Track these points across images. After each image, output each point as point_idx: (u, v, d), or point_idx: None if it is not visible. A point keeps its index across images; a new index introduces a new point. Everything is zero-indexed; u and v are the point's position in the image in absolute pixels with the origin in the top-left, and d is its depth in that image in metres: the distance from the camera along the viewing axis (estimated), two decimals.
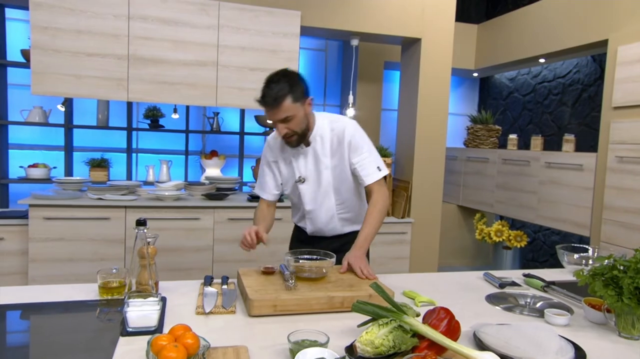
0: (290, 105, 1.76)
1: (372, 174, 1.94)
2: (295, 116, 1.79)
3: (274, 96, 1.73)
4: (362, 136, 1.97)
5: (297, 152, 1.95)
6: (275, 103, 1.74)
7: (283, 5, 3.55)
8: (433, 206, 4.00)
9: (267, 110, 1.78)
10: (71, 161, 4.16)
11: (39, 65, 3.12)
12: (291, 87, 1.76)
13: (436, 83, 3.92)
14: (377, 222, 1.92)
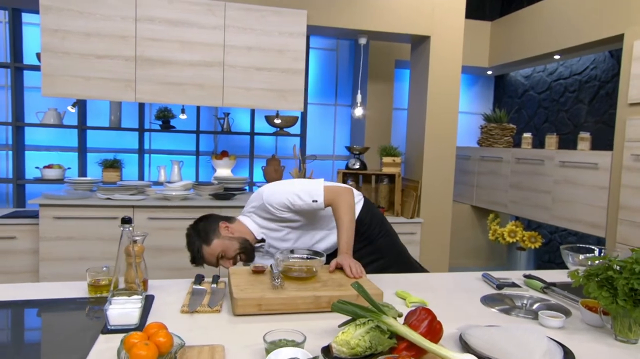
0: (211, 248, 1.85)
1: (314, 207, 1.93)
2: (224, 247, 1.87)
3: (195, 253, 1.86)
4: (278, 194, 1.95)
5: (265, 252, 2.02)
6: (199, 258, 1.86)
7: (289, 4, 3.54)
8: (443, 205, 3.94)
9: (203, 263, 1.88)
10: (85, 162, 4.24)
11: (49, 68, 3.19)
12: (201, 238, 1.87)
13: (446, 81, 3.86)
14: (349, 225, 1.90)
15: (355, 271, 1.68)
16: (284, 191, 1.94)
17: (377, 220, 2.20)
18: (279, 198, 1.93)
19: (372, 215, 2.18)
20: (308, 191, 1.92)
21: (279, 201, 1.92)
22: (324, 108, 4.99)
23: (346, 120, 5.05)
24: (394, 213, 3.93)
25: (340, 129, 5.07)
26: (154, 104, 4.29)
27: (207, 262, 1.88)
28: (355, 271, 1.68)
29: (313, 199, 1.91)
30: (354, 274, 1.67)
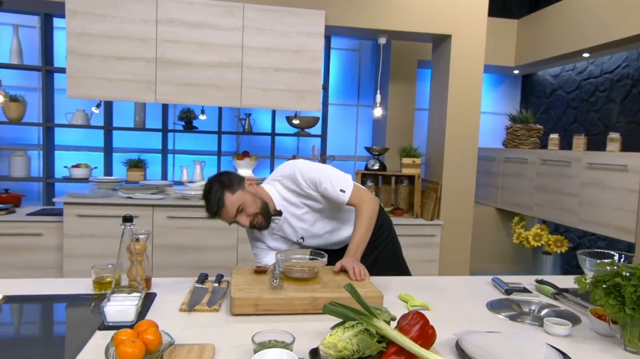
0: (233, 198, 1.78)
1: (339, 198, 1.90)
2: (244, 203, 1.80)
3: (215, 201, 1.78)
4: (310, 170, 1.92)
5: (278, 227, 1.97)
6: (219, 206, 1.77)
7: (307, 5, 3.55)
8: (464, 208, 3.87)
9: (221, 216, 1.82)
10: (110, 161, 4.35)
11: (74, 70, 3.29)
12: (223, 186, 1.80)
13: (467, 81, 3.79)
14: (365, 229, 1.88)
15: (359, 274, 1.66)
16: (317, 169, 1.92)
17: (387, 225, 2.19)
18: (311, 173, 1.90)
19: (383, 221, 2.16)
20: (339, 180, 1.91)
21: (310, 175, 1.89)
22: (347, 109, 4.97)
23: (368, 121, 5.01)
24: (414, 215, 3.88)
25: (362, 129, 5.04)
26: (177, 105, 4.37)
27: (226, 213, 1.80)
28: (359, 273, 1.66)
29: (341, 189, 1.90)
30: (356, 277, 1.65)
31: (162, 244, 3.38)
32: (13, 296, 1.52)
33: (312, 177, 1.89)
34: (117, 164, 4.42)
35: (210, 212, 1.81)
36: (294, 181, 1.90)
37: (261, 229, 1.89)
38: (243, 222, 1.81)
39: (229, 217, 1.81)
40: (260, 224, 1.85)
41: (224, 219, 1.84)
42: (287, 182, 1.93)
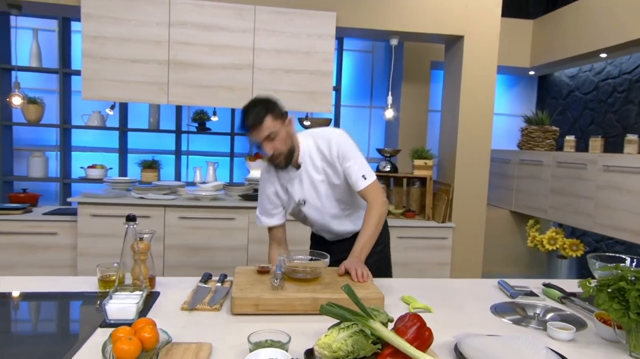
0: (271, 122, 1.78)
1: (357, 182, 1.90)
2: (278, 134, 1.80)
3: (254, 115, 1.76)
4: (347, 143, 1.93)
5: (290, 178, 1.95)
6: (256, 122, 1.76)
7: (318, 6, 3.55)
8: (476, 210, 3.82)
9: (251, 132, 1.79)
10: (125, 162, 4.42)
11: (89, 72, 3.35)
12: (268, 107, 1.79)
13: (480, 82, 3.75)
14: (373, 232, 1.87)
15: (361, 276, 1.66)
16: (352, 146, 1.93)
17: (384, 231, 2.20)
18: (346, 146, 1.91)
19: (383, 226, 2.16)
20: (366, 166, 1.93)
21: (344, 147, 1.90)
22: (360, 110, 4.96)
23: (381, 122, 5.00)
24: (425, 217, 3.85)
25: (375, 131, 5.02)
26: (191, 107, 4.42)
27: (258, 133, 1.77)
28: (361, 275, 1.66)
29: (363, 175, 1.90)
30: (358, 278, 1.65)
31: (173, 244, 3.41)
32: (19, 293, 1.55)
33: (345, 150, 1.90)
34: (132, 165, 4.48)
35: (244, 125, 1.80)
36: (328, 144, 1.91)
37: (277, 167, 1.89)
38: (267, 149, 1.80)
39: (257, 138, 1.79)
40: (279, 161, 1.85)
41: (251, 138, 1.81)
42: (321, 142, 1.92)
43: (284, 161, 1.85)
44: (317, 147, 1.93)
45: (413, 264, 3.72)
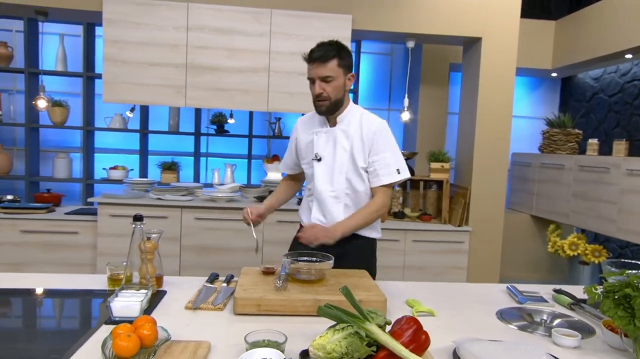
0: (335, 66, 1.82)
1: (389, 175, 1.91)
2: (335, 80, 1.83)
3: (324, 51, 1.80)
4: (388, 136, 1.96)
5: (320, 130, 1.96)
6: (322, 58, 1.80)
7: (334, 9, 3.56)
8: (494, 214, 3.77)
9: (313, 66, 1.82)
10: (146, 164, 4.51)
11: (110, 76, 3.43)
12: (339, 51, 1.82)
13: (498, 85, 3.70)
14: (363, 219, 1.88)
15: (307, 237, 1.69)
16: (392, 140, 1.96)
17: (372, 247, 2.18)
18: (390, 138, 1.94)
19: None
20: (403, 164, 1.96)
21: (387, 136, 1.92)
22: (378, 113, 4.93)
23: (400, 125, 4.97)
24: (442, 220, 3.81)
25: (394, 134, 4.99)
26: (211, 110, 4.48)
27: (321, 68, 1.79)
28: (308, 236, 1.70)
29: (398, 169, 1.92)
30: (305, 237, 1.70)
31: (189, 244, 3.47)
32: (29, 289, 1.60)
33: (387, 139, 1.92)
34: (152, 167, 4.57)
35: (314, 53, 1.81)
36: (371, 123, 1.92)
37: (319, 108, 1.88)
38: (317, 87, 1.82)
39: (317, 73, 1.81)
40: (321, 104, 1.86)
41: (311, 70, 1.83)
42: (366, 117, 1.94)
43: (326, 108, 1.87)
44: (360, 119, 1.94)
45: (428, 268, 3.68)
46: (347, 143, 1.92)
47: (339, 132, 1.94)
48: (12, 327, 1.35)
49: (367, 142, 1.91)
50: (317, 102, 1.87)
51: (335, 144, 1.93)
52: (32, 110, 4.06)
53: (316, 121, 2.00)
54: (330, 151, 1.94)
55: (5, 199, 3.75)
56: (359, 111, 1.98)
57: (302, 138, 2.03)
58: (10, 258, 3.45)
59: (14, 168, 4.42)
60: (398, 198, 3.96)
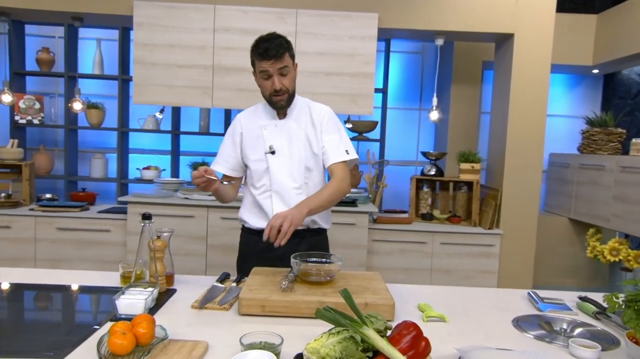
0: (289, 59, 1.85)
1: (338, 155, 1.92)
2: (290, 72, 1.87)
3: (276, 45, 1.80)
4: (336, 120, 2.01)
5: (268, 124, 1.95)
6: (279, 52, 1.79)
7: (360, 8, 3.52)
8: (527, 217, 3.62)
9: (269, 61, 1.80)
10: (177, 164, 4.60)
11: (140, 78, 3.52)
12: (288, 43, 1.86)
13: (532, 83, 3.56)
14: (327, 197, 1.81)
15: (274, 234, 1.58)
16: (340, 124, 2.00)
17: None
18: (336, 120, 1.98)
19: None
20: (350, 144, 1.98)
21: (334, 120, 1.97)
22: (409, 113, 4.86)
23: (431, 124, 4.87)
24: (471, 223, 3.70)
25: (425, 134, 4.90)
26: (241, 110, 4.52)
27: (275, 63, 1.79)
28: (275, 233, 1.58)
29: (346, 150, 1.94)
30: (270, 236, 1.59)
31: (215, 244, 3.51)
32: (44, 284, 1.65)
33: (334, 122, 1.97)
34: (184, 167, 4.66)
35: (269, 51, 1.78)
36: (320, 108, 1.97)
37: (278, 103, 1.88)
38: (276, 82, 1.82)
39: (272, 69, 1.80)
40: (282, 99, 1.87)
41: (267, 66, 1.80)
42: (313, 104, 1.99)
43: (285, 101, 1.89)
44: (308, 106, 1.98)
45: (457, 272, 3.58)
46: (301, 132, 1.93)
47: (292, 124, 1.94)
48: (18, 320, 1.39)
49: (318, 127, 1.94)
50: (275, 97, 1.87)
51: (290, 136, 1.93)
52: (70, 112, 4.21)
53: (262, 115, 1.99)
54: (284, 143, 1.93)
55: (44, 198, 3.91)
56: (304, 100, 2.01)
57: (247, 133, 1.98)
58: (48, 254, 3.59)
59: (55, 168, 4.60)
60: (427, 199, 3.87)
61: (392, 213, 3.77)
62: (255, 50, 1.84)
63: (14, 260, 3.56)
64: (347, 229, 3.46)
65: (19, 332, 1.28)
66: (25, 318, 1.43)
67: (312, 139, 1.94)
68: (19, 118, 4.26)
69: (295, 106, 1.96)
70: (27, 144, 4.52)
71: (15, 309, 1.49)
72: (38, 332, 1.29)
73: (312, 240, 2.00)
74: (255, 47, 1.84)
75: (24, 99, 4.26)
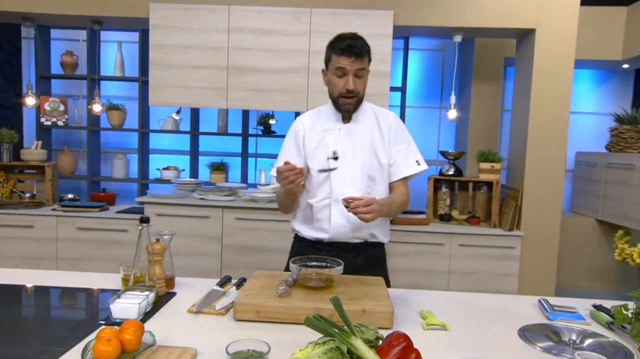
0: (367, 62, 1.79)
1: (410, 167, 1.85)
2: (365, 76, 1.80)
3: (362, 46, 1.75)
4: (404, 127, 1.92)
5: (332, 127, 1.86)
6: (362, 52, 1.74)
7: (375, 6, 3.47)
8: (549, 218, 3.50)
9: (350, 59, 1.72)
10: (196, 164, 4.64)
11: (155, 79, 3.55)
12: (369, 48, 1.79)
13: (554, 79, 3.43)
14: (398, 204, 1.80)
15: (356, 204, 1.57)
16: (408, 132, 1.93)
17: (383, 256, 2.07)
18: (404, 128, 1.91)
19: None
20: (419, 153, 1.91)
21: (402, 128, 1.90)
22: (430, 111, 4.77)
23: (452, 123, 4.77)
24: (491, 224, 3.60)
25: (445, 133, 4.81)
26: (259, 111, 4.53)
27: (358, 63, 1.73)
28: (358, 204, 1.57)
29: (417, 161, 1.88)
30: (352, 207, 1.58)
31: (230, 244, 3.51)
32: (43, 286, 1.67)
33: (403, 131, 1.89)
34: (203, 167, 4.69)
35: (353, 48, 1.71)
36: (387, 114, 1.89)
37: (347, 106, 1.79)
38: (351, 82, 1.74)
39: (351, 65, 1.72)
40: (352, 101, 1.78)
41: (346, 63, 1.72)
42: (379, 110, 1.91)
43: (353, 106, 1.81)
44: (373, 112, 1.89)
45: (475, 274, 3.49)
46: (367, 139, 1.84)
47: (356, 128, 1.85)
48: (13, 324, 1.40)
49: (386, 135, 1.85)
50: (345, 98, 1.78)
51: (353, 142, 1.84)
52: (92, 114, 4.29)
53: (325, 118, 1.89)
54: (348, 149, 1.83)
55: (66, 198, 4.00)
56: (369, 105, 1.92)
57: (310, 137, 1.89)
58: (69, 254, 3.66)
59: (79, 168, 4.70)
60: (445, 200, 3.79)
61: (409, 214, 3.70)
62: (337, 45, 1.75)
63: (37, 259, 3.65)
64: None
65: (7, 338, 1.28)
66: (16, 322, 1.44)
67: (378, 147, 1.84)
68: (44, 120, 4.37)
69: (360, 110, 1.86)
70: (52, 145, 4.64)
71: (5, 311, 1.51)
72: (28, 338, 1.29)
73: (369, 253, 1.91)
74: (337, 42, 1.76)
75: (49, 101, 4.37)
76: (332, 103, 1.87)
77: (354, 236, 1.86)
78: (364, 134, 1.84)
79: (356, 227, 1.83)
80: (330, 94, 1.86)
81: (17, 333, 1.31)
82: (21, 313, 1.51)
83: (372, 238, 1.90)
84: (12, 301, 1.58)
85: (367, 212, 1.59)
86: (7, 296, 1.59)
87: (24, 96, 3.86)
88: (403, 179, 1.87)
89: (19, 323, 1.41)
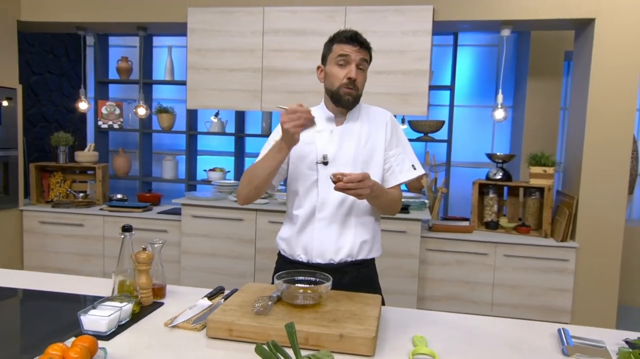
0: (369, 57, 1.72)
1: (405, 172, 1.74)
2: (366, 71, 1.72)
3: (365, 39, 1.70)
4: (399, 127, 1.81)
5: (323, 129, 1.72)
6: (366, 42, 1.70)
7: (412, 1, 3.28)
8: (610, 229, 3.14)
9: (355, 47, 1.66)
10: (241, 166, 4.67)
11: (193, 83, 3.60)
12: (371, 46, 1.74)
13: (616, 73, 3.07)
14: (390, 197, 1.70)
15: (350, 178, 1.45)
16: (405, 136, 1.82)
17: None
18: (401, 130, 1.82)
19: None
20: (415, 158, 1.80)
21: (400, 130, 1.80)
22: (481, 111, 4.48)
23: (506, 123, 4.44)
24: (542, 234, 3.29)
25: (500, 133, 4.49)
26: None
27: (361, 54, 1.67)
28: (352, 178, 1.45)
29: (414, 165, 1.77)
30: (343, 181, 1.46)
31: (263, 247, 3.48)
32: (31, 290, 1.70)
33: (400, 131, 1.79)
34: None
35: (358, 36, 1.68)
36: (385, 116, 1.78)
37: (345, 97, 1.67)
38: (353, 71, 1.65)
39: (356, 53, 1.65)
40: (351, 93, 1.67)
41: (350, 51, 1.65)
42: (374, 111, 1.80)
43: (352, 100, 1.70)
44: (367, 112, 1.78)
45: (523, 288, 3.21)
46: (361, 141, 1.71)
47: (349, 131, 1.72)
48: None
49: (382, 137, 1.72)
50: (345, 89, 1.66)
51: (347, 144, 1.70)
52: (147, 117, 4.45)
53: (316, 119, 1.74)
54: (338, 152, 1.69)
55: (114, 198, 4.17)
56: (364, 105, 1.81)
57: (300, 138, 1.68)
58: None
59: (133, 169, 4.90)
60: (492, 206, 3.52)
61: (451, 220, 3.48)
62: (341, 34, 1.69)
63: (85, 256, 3.84)
64: (397, 236, 3.24)
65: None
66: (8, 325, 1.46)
67: (373, 150, 1.72)
68: (101, 123, 4.59)
69: (355, 110, 1.76)
70: (109, 147, 4.87)
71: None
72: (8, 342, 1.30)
73: (357, 274, 1.75)
74: (340, 33, 1.70)
75: (106, 105, 4.59)
76: (331, 98, 1.74)
77: (338, 253, 1.71)
78: (358, 137, 1.71)
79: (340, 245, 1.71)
80: (328, 88, 1.74)
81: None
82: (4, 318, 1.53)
83: (358, 255, 1.73)
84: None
85: (362, 187, 1.47)
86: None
87: (77, 101, 4.06)
88: (396, 186, 1.77)
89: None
